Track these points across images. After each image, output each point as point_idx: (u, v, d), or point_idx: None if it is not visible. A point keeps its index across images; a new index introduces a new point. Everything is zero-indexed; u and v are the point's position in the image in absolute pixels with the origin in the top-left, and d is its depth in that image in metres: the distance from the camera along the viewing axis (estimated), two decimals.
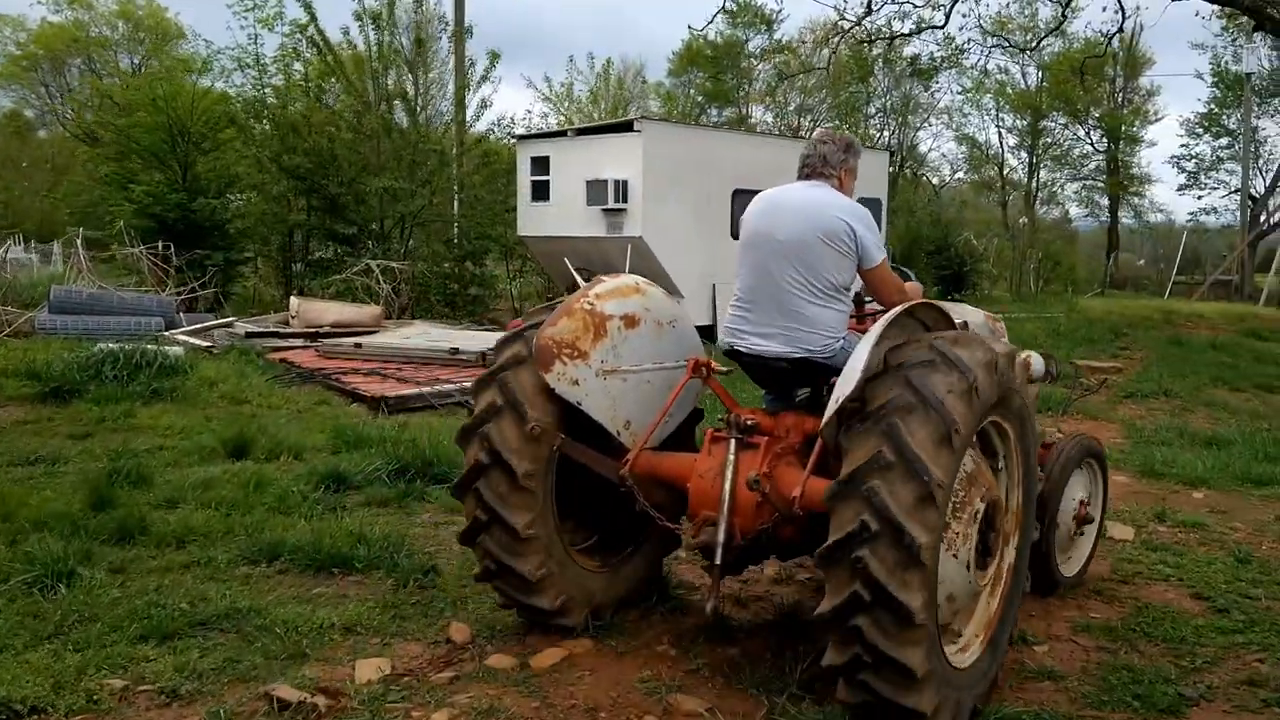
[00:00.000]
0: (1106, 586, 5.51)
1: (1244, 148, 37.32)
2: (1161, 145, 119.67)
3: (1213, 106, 44.99)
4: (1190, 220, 47.36)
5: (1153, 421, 10.44)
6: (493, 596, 4.95)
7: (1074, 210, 50.62)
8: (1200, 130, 45.82)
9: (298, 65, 20.60)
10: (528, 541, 4.27)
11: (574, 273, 15.72)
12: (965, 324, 4.14)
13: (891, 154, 21.59)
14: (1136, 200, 48.23)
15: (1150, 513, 7.01)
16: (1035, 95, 45.38)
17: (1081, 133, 47.44)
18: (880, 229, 18.44)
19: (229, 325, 14.85)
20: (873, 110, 43.12)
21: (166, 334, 13.47)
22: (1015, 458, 4.17)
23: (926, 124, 45.48)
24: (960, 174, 49.44)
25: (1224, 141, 45.52)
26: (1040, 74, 44.87)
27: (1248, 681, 4.34)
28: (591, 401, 4.33)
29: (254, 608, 4.78)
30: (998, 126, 48.05)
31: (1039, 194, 48.30)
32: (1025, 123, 46.56)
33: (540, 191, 16.74)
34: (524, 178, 17.06)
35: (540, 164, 16.72)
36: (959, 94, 49.89)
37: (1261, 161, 43.46)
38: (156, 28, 44.28)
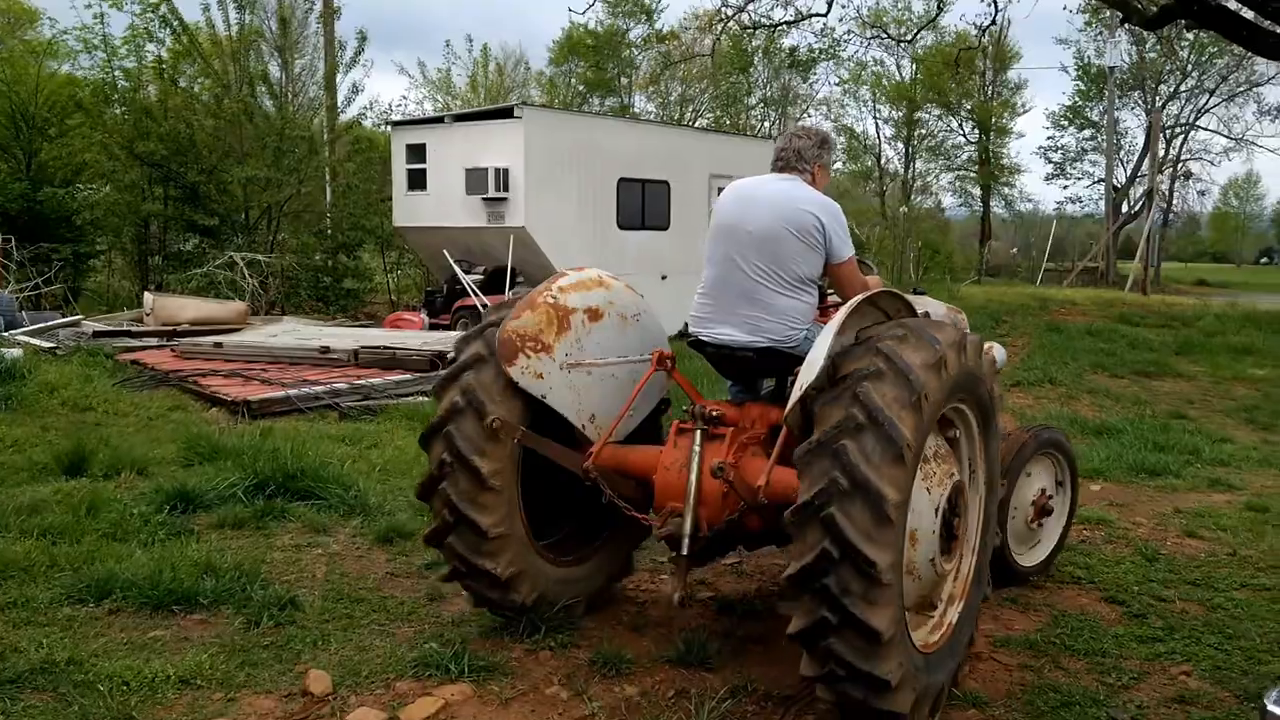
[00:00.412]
0: (1020, 593, 5.26)
1: (1108, 139, 38.64)
2: (1030, 137, 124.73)
3: (1077, 99, 46.73)
4: (1057, 209, 49.16)
5: (1042, 410, 10.42)
6: (359, 633, 4.50)
7: (947, 200, 51.96)
8: (1065, 122, 47.54)
9: (150, 46, 19.30)
10: (496, 541, 4.22)
11: (453, 265, 15.09)
12: (927, 314, 4.15)
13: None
14: (1007, 190, 49.73)
15: None
16: (910, 87, 46.26)
17: (954, 124, 48.66)
18: None
19: (75, 324, 13.71)
20: (754, 101, 43.30)
21: (5, 335, 12.32)
22: (978, 446, 4.16)
23: (806, 115, 45.87)
24: (839, 164, 50.08)
25: (1087, 133, 47.35)
26: (915, 66, 45.77)
27: (1178, 699, 4.09)
28: (555, 395, 4.30)
29: (75, 659, 4.10)
30: (875, 118, 48.89)
31: (914, 184, 49.33)
32: (901, 114, 47.46)
33: (417, 180, 16.03)
34: (399, 166, 16.32)
35: (416, 151, 16.01)
36: (837, 85, 50.54)
37: (1123, 153, 45.29)
38: (8, 10, 41.43)
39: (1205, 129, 48.24)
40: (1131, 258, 41.67)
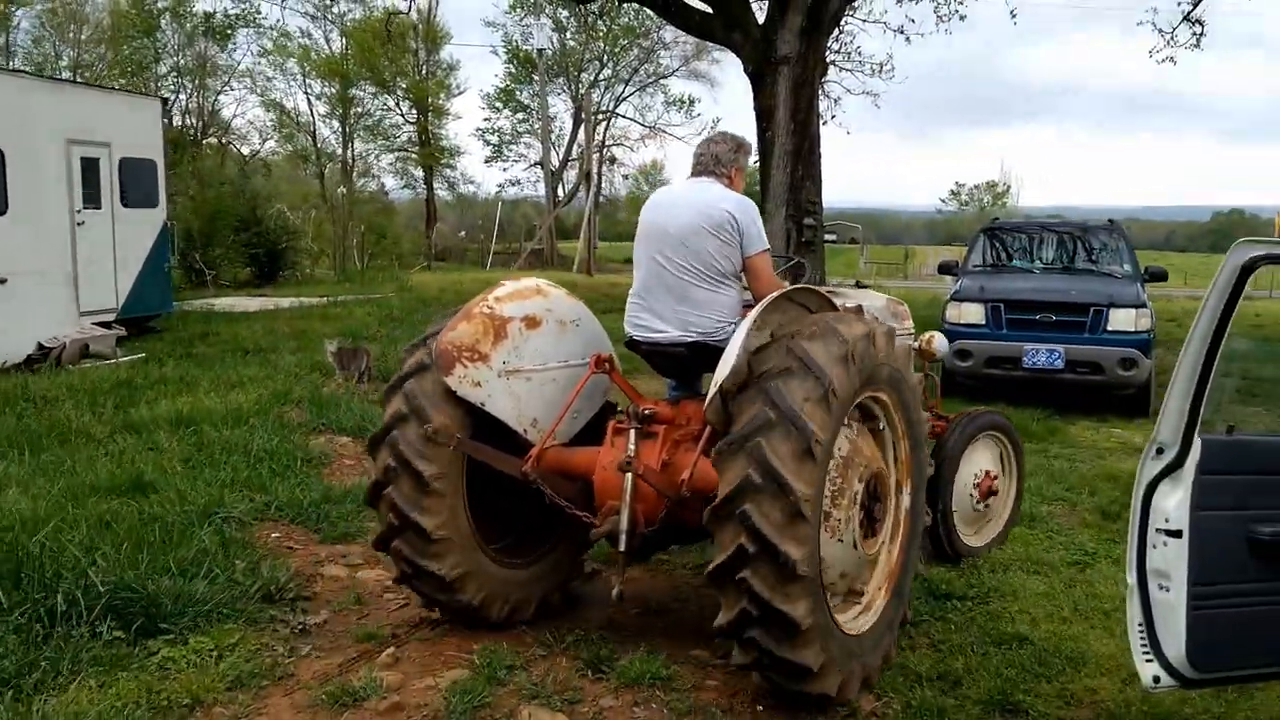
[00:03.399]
0: None
1: (543, 123, 39.07)
2: (467, 118, 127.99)
3: (509, 82, 47.23)
4: (499, 191, 49.53)
5: None
6: None
7: (390, 182, 50.31)
8: (499, 105, 47.91)
9: None
10: (440, 542, 4.35)
11: None
12: (860, 308, 4.37)
13: (165, 103, 17.39)
14: (449, 172, 49.21)
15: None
16: (341, 62, 43.59)
17: (391, 103, 46.99)
18: (158, 194, 14.67)
19: None
20: (164, 69, 37.90)
21: None
22: (900, 431, 4.38)
23: (228, 88, 41.26)
24: (273, 143, 46.11)
25: (521, 116, 48.14)
26: (345, 40, 43.19)
27: None
28: (495, 402, 4.43)
29: None
30: (306, 94, 45.62)
31: (355, 165, 46.97)
32: (334, 90, 44.65)
33: None
34: None
35: None
36: (260, 56, 46.13)
37: (555, 136, 46.57)
38: None
39: (625, 116, 51.52)
40: (568, 239, 43.05)
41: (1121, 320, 9.89)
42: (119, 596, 4.35)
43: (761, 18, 16.92)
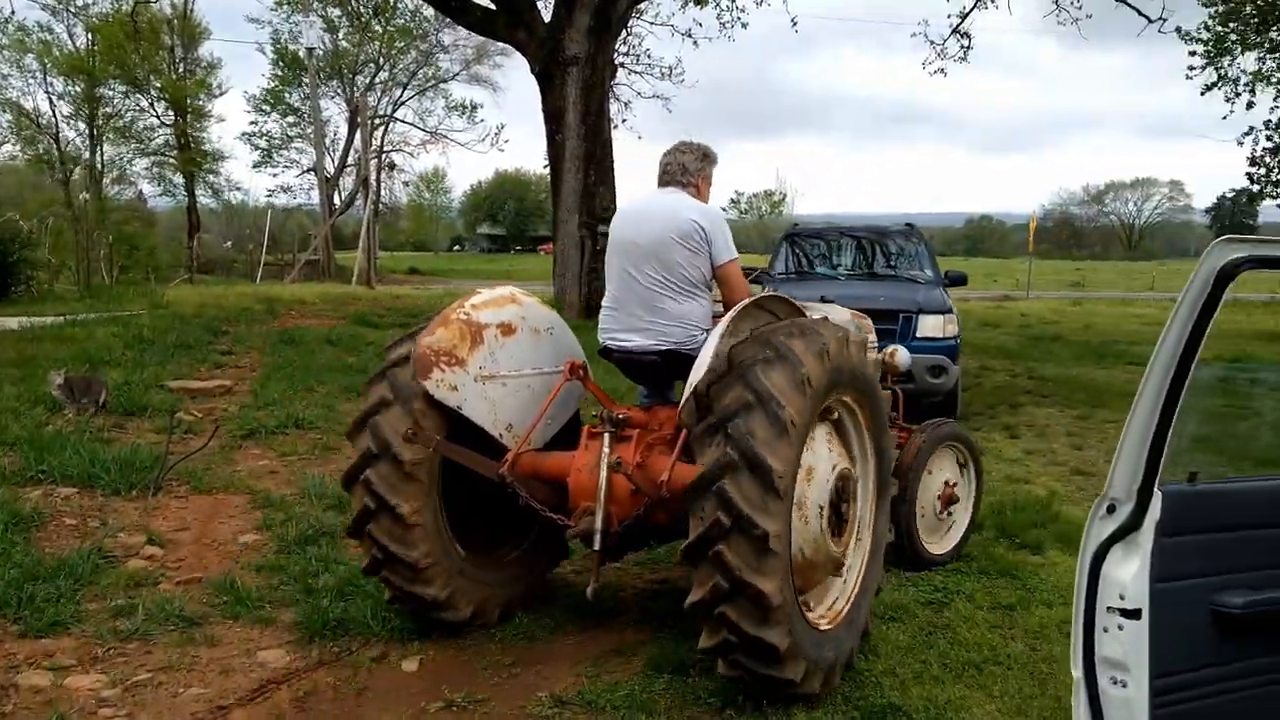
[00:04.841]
0: None
1: (316, 127, 36.87)
2: (232, 121, 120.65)
3: (276, 83, 44.47)
4: (269, 198, 46.61)
5: (297, 474, 7.30)
6: None
7: (148, 189, 46.59)
8: (267, 107, 45.05)
9: None
10: (414, 529, 4.37)
11: None
12: (826, 319, 4.38)
13: None
14: (213, 178, 46.00)
15: None
16: (86, 58, 39.86)
17: (145, 103, 43.50)
18: None
19: None
20: None
21: None
22: (867, 437, 4.51)
23: None
24: (10, 146, 41.74)
25: (291, 119, 45.44)
26: (91, 36, 39.53)
27: None
28: (471, 406, 4.49)
29: None
30: (49, 93, 41.65)
31: (106, 172, 43.11)
32: (80, 89, 40.81)
33: None
34: None
35: None
36: None
37: (329, 141, 44.22)
38: None
39: (403, 121, 49.64)
40: (346, 249, 40.91)
41: (930, 327, 9.70)
42: None
43: (548, 16, 16.16)
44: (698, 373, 4.04)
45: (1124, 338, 20.01)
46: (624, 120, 23.43)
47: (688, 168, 4.68)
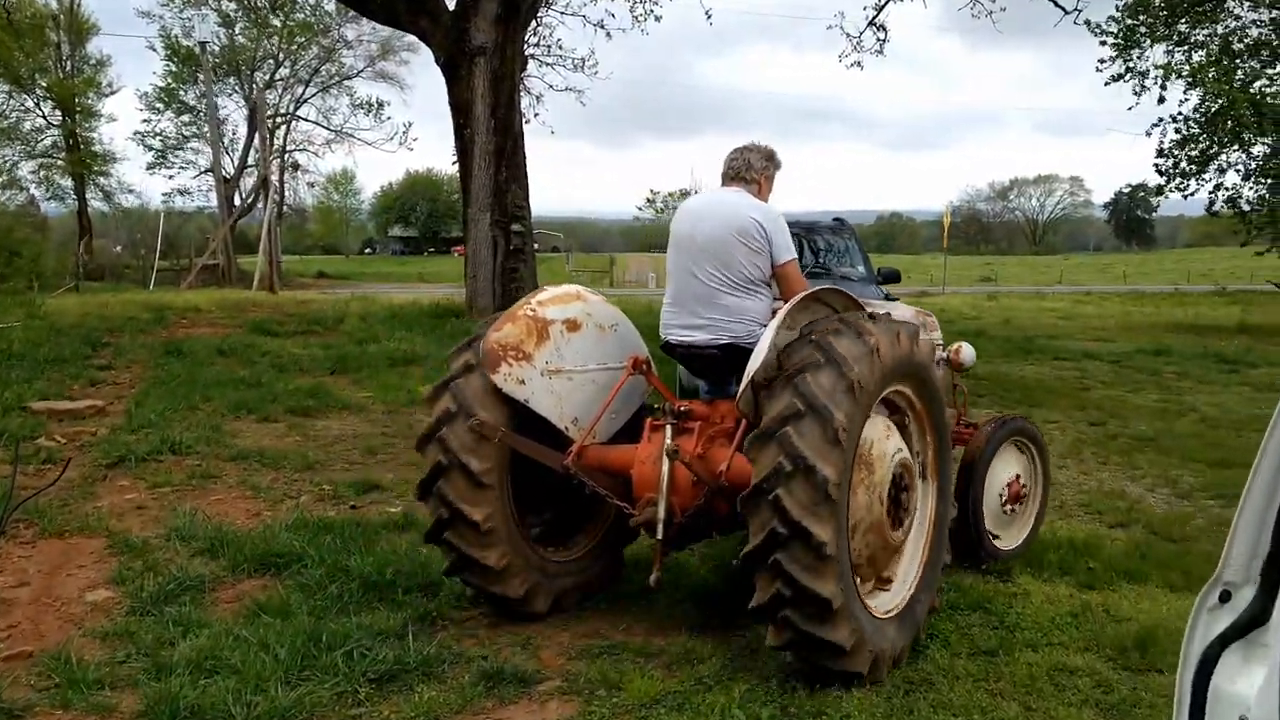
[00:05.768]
0: None
1: (211, 126, 35.26)
2: (124, 121, 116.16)
3: (170, 81, 42.54)
4: (165, 202, 44.54)
5: (176, 511, 6.37)
6: None
7: (37, 193, 44.26)
8: (160, 106, 43.08)
9: None
10: (488, 534, 4.49)
11: None
12: (889, 315, 4.39)
13: None
14: (104, 180, 43.89)
15: None
16: None
17: (30, 103, 41.29)
18: None
19: None
20: None
21: None
22: (927, 426, 4.60)
23: None
24: None
25: (186, 118, 43.51)
26: None
27: None
28: (538, 400, 4.59)
29: None
30: None
31: None
32: None
33: None
34: None
35: None
36: None
37: (227, 140, 42.45)
38: None
39: (306, 119, 48.00)
40: (250, 253, 39.24)
41: None
42: None
43: (452, 3, 15.28)
44: (754, 363, 4.09)
45: (1044, 332, 19.90)
46: (536, 114, 22.57)
47: (753, 165, 4.75)
